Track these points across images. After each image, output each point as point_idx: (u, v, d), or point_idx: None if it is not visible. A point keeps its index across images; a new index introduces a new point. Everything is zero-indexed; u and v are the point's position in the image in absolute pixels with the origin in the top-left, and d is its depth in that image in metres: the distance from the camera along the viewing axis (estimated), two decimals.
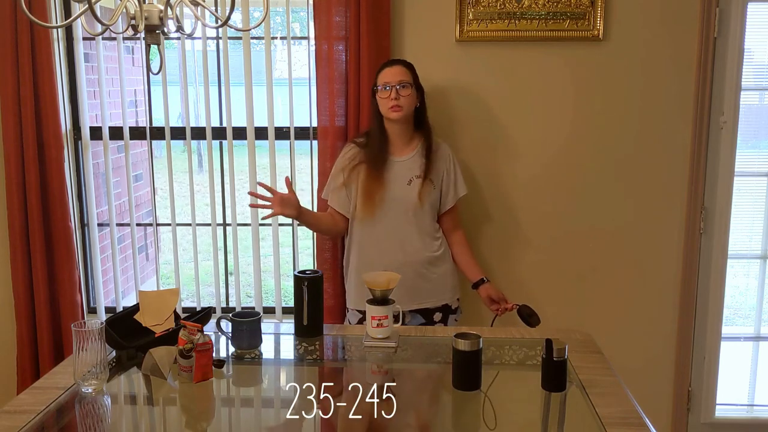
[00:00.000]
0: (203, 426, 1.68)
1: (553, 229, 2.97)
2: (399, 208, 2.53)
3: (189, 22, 3.12)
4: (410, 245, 2.54)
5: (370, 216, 2.53)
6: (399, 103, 2.46)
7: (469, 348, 1.78)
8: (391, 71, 2.49)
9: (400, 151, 2.57)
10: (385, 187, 2.52)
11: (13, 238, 2.90)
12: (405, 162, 2.56)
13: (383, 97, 2.48)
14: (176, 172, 3.12)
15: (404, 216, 2.53)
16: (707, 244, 2.95)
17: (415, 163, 2.55)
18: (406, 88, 2.47)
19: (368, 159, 2.54)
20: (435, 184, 2.56)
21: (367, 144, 2.58)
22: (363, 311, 2.54)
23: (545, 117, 2.89)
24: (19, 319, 2.96)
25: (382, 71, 2.51)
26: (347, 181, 2.58)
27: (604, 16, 2.78)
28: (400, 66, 2.51)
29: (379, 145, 2.54)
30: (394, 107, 2.46)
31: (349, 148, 2.64)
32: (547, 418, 1.72)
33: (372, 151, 2.54)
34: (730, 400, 3.11)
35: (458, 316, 2.68)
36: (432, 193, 2.55)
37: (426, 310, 2.59)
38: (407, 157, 2.56)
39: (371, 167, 2.53)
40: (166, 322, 2.08)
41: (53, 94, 2.83)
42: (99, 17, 1.37)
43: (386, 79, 2.48)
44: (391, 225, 2.54)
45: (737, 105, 2.82)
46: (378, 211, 2.52)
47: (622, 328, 3.02)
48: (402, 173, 2.54)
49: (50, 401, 1.73)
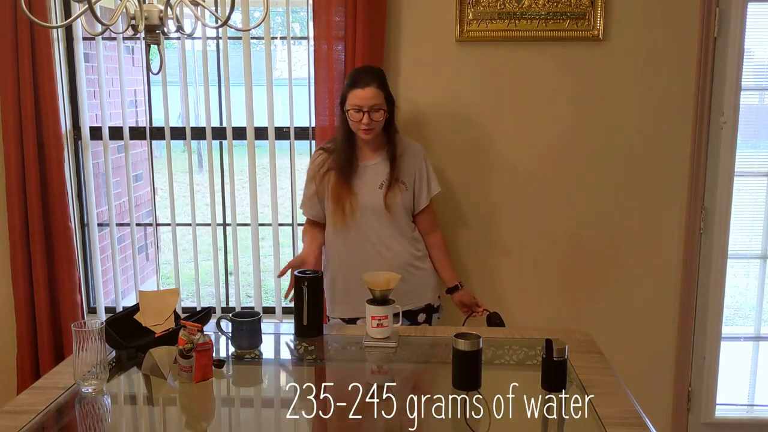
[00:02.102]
0: (203, 426, 1.68)
1: (553, 229, 2.97)
2: (372, 213, 2.48)
3: (189, 22, 3.12)
4: (388, 249, 2.51)
5: (342, 223, 2.48)
6: (370, 126, 2.39)
7: (469, 348, 1.78)
8: (363, 94, 2.37)
9: (370, 155, 2.51)
10: (354, 193, 2.47)
11: (13, 238, 2.90)
12: (375, 165, 2.51)
13: (354, 120, 2.40)
14: (176, 172, 3.12)
15: (378, 220, 2.49)
16: (707, 244, 2.95)
17: (385, 166, 2.50)
18: (378, 112, 2.39)
19: (337, 166, 2.48)
20: (407, 185, 2.52)
21: (334, 149, 2.52)
22: (345, 318, 2.56)
23: (545, 117, 2.89)
24: (19, 319, 2.96)
25: (353, 91, 2.39)
26: (319, 189, 2.54)
27: (604, 16, 2.78)
28: (371, 88, 2.38)
29: (347, 151, 2.47)
30: (366, 130, 2.40)
31: (317, 154, 2.58)
32: (547, 418, 1.72)
33: (340, 157, 2.48)
34: (730, 400, 3.11)
35: (440, 314, 2.66)
36: (405, 194, 2.51)
37: (410, 312, 2.56)
38: (377, 160, 2.51)
39: (340, 174, 2.47)
40: (166, 322, 2.08)
41: (53, 94, 2.83)
42: (99, 17, 1.37)
43: (357, 103, 2.37)
44: (366, 230, 2.49)
45: (737, 105, 2.82)
46: (350, 217, 2.47)
47: (622, 328, 3.02)
48: (372, 177, 2.49)
49: (50, 401, 1.73)
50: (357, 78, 2.42)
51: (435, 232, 2.63)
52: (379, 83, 2.41)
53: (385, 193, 2.48)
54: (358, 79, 2.41)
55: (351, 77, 2.46)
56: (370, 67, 2.54)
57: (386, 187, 2.48)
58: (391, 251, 2.51)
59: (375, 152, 2.52)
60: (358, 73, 2.46)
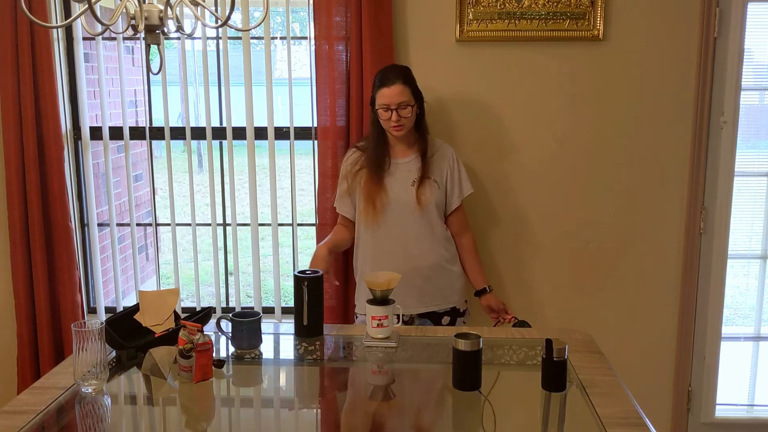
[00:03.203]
0: (203, 426, 1.68)
1: (552, 230, 2.97)
2: (403, 211, 2.50)
3: (189, 22, 3.12)
4: (416, 248, 2.52)
5: (373, 220, 2.51)
6: (400, 123, 2.43)
7: (469, 348, 1.78)
8: (390, 92, 2.41)
9: (403, 152, 2.55)
10: (386, 190, 2.50)
11: (13, 238, 2.90)
12: (407, 163, 2.54)
13: (383, 118, 2.45)
14: (176, 172, 3.12)
15: (410, 218, 2.51)
16: (707, 244, 2.95)
17: (417, 163, 2.53)
18: (406, 109, 2.43)
19: (369, 163, 2.52)
20: (439, 184, 2.54)
21: (368, 148, 2.56)
22: None
23: (545, 117, 2.89)
24: (19, 319, 2.96)
25: (380, 91, 2.44)
26: (351, 187, 2.57)
27: (604, 16, 2.78)
28: (398, 85, 2.42)
29: (379, 149, 2.52)
30: (396, 127, 2.44)
31: (350, 152, 2.63)
32: (547, 418, 1.72)
33: (372, 155, 2.52)
34: (730, 400, 3.11)
35: (466, 319, 2.65)
36: (437, 192, 2.53)
37: (434, 314, 2.57)
38: (410, 158, 2.54)
39: (372, 171, 2.51)
40: (166, 322, 2.08)
41: (53, 94, 2.83)
42: (99, 17, 1.37)
43: (385, 102, 2.42)
44: (396, 228, 2.51)
45: (737, 105, 2.82)
46: (381, 215, 2.50)
47: (622, 327, 3.02)
48: (405, 175, 2.52)
49: (50, 401, 1.73)
50: (383, 77, 2.46)
51: (466, 233, 2.64)
52: (404, 80, 2.45)
53: (417, 189, 2.49)
54: (384, 78, 2.46)
55: (378, 77, 2.49)
56: (395, 66, 2.57)
57: (418, 184, 2.50)
58: (420, 250, 2.52)
59: (407, 149, 2.55)
60: (384, 73, 2.49)
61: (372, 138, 2.54)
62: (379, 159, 2.51)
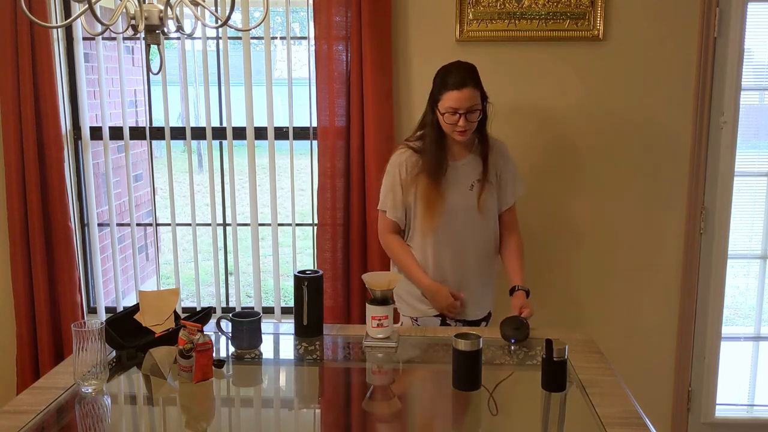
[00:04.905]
0: (203, 426, 1.68)
1: (552, 229, 2.97)
2: (462, 214, 2.37)
3: (189, 22, 3.12)
4: (474, 252, 2.42)
5: (430, 227, 2.37)
6: (466, 128, 2.26)
7: (469, 348, 1.78)
8: (460, 96, 2.22)
9: (460, 154, 2.39)
10: (445, 196, 2.35)
11: (13, 238, 2.90)
12: (465, 165, 2.39)
13: (448, 122, 2.26)
14: (176, 172, 3.12)
15: (469, 222, 2.38)
16: (707, 244, 2.95)
17: (475, 166, 2.39)
18: (474, 113, 2.26)
19: (427, 168, 2.34)
20: (494, 184, 2.42)
21: (423, 150, 2.36)
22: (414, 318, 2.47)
23: (545, 117, 2.89)
24: (19, 319, 2.96)
25: (449, 93, 2.23)
26: (405, 192, 2.39)
27: (604, 16, 2.78)
28: (469, 89, 2.23)
29: (438, 153, 2.33)
30: (461, 132, 2.27)
31: (404, 153, 2.40)
32: (547, 418, 1.72)
33: (430, 160, 2.33)
34: (730, 400, 3.11)
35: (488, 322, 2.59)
36: (494, 195, 2.42)
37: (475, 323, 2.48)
38: (467, 159, 2.39)
39: (430, 177, 2.33)
40: (166, 322, 2.08)
41: (53, 94, 2.83)
42: (99, 17, 1.37)
43: (454, 105, 2.22)
44: (454, 233, 2.39)
45: (737, 105, 2.82)
46: (439, 220, 2.36)
47: (622, 328, 3.02)
48: (462, 178, 2.38)
49: (50, 401, 1.73)
50: (454, 79, 2.25)
51: (515, 232, 2.52)
52: (474, 82, 2.27)
53: (479, 194, 2.37)
54: (455, 79, 2.25)
55: (443, 77, 2.29)
56: (463, 64, 2.33)
57: (479, 188, 2.37)
58: (478, 255, 2.42)
59: (465, 150, 2.39)
60: (453, 73, 2.28)
61: (430, 141, 2.33)
62: (440, 164, 2.33)
